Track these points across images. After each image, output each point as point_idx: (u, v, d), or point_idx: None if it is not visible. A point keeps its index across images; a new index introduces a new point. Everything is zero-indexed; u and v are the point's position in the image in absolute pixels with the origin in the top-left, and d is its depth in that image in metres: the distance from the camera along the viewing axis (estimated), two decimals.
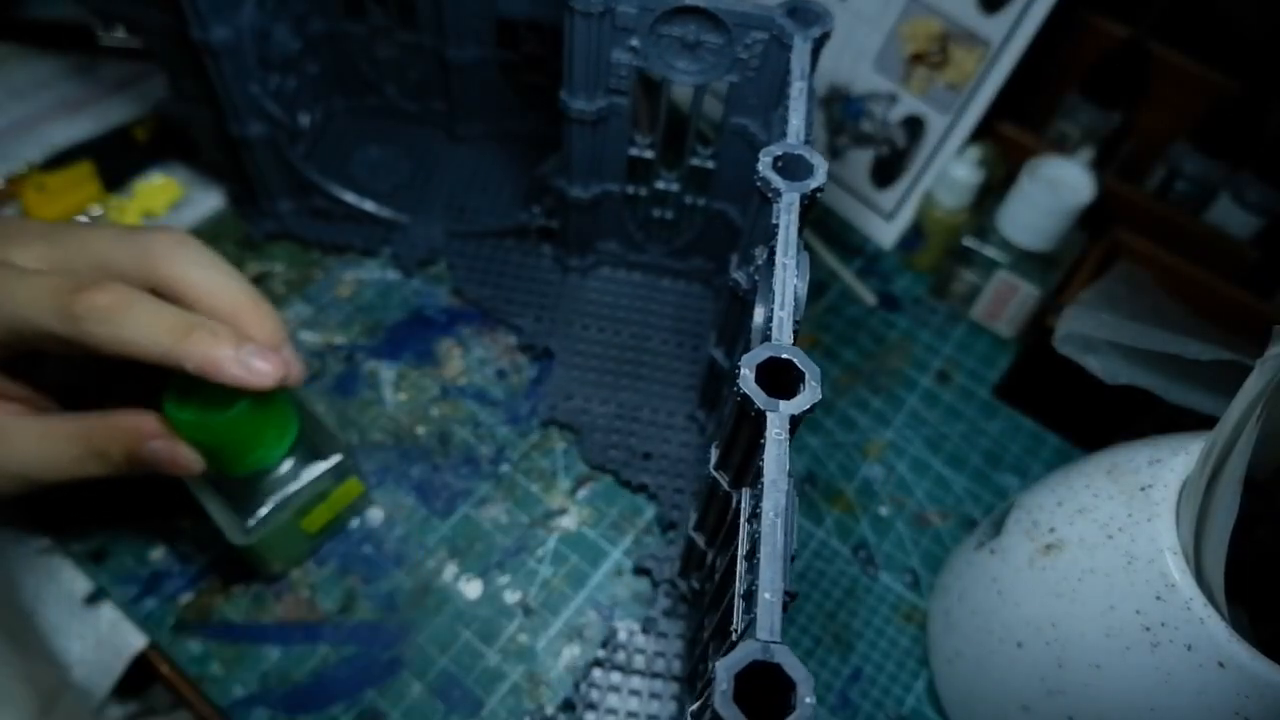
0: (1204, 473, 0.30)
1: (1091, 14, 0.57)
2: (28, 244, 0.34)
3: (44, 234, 0.35)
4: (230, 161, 0.52)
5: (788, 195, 0.32)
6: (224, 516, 0.37)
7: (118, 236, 0.35)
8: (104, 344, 0.31)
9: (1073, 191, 0.51)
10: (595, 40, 0.42)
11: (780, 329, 0.29)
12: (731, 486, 0.32)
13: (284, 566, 0.42)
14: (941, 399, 0.53)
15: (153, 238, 0.35)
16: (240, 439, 0.35)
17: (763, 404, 0.26)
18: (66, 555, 0.42)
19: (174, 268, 0.34)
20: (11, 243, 0.34)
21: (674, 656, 0.41)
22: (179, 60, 0.46)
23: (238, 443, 0.35)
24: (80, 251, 0.34)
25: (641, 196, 0.50)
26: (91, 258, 0.34)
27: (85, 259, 0.34)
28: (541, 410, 0.49)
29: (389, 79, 0.57)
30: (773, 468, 0.26)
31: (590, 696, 0.40)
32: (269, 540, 0.38)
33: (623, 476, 0.47)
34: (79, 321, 0.31)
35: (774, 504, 0.25)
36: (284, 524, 0.38)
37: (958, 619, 0.39)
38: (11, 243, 0.34)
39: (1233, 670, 0.29)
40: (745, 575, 0.26)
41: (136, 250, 0.34)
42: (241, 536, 0.37)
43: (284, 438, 0.37)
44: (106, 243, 0.34)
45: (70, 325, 0.31)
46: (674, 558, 0.44)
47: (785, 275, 0.30)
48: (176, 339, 0.32)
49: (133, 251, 0.34)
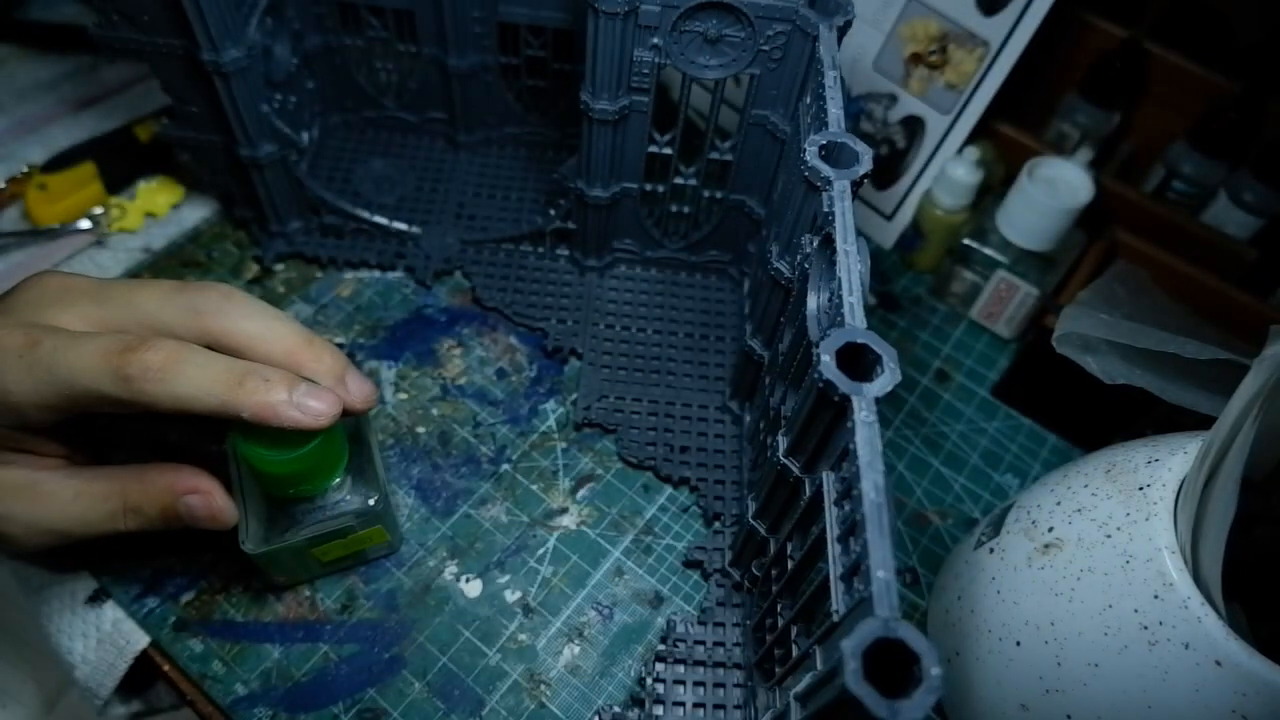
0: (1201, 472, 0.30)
1: (1090, 15, 0.57)
2: (73, 304, 0.34)
3: (90, 293, 0.35)
4: (241, 185, 0.52)
5: (839, 183, 0.32)
6: (246, 521, 0.37)
7: (165, 294, 0.35)
8: (159, 402, 0.31)
9: (1071, 191, 0.51)
10: (618, 40, 0.42)
11: (852, 313, 0.29)
12: (803, 472, 0.33)
13: (289, 581, 0.42)
14: (941, 398, 0.53)
15: (201, 294, 0.35)
16: (307, 470, 0.35)
17: (847, 389, 0.27)
18: (69, 555, 0.42)
19: (225, 321, 0.34)
20: (58, 305, 0.34)
21: (733, 645, 0.42)
22: (187, 85, 0.46)
23: (301, 475, 0.35)
24: (128, 311, 0.34)
25: (660, 193, 0.51)
26: (140, 316, 0.34)
27: (133, 318, 0.34)
28: (577, 413, 0.49)
29: (388, 90, 0.58)
30: (866, 450, 0.26)
31: (656, 691, 0.40)
32: (277, 555, 0.38)
33: (662, 472, 0.47)
34: (132, 382, 0.31)
35: (873, 484, 0.25)
36: (297, 547, 0.38)
37: (957, 618, 0.40)
38: (58, 305, 0.34)
39: (1230, 669, 0.29)
40: (841, 557, 0.27)
41: (186, 307, 0.34)
42: (253, 546, 0.36)
43: (336, 468, 0.37)
44: (155, 302, 0.34)
45: (124, 387, 0.31)
46: (723, 548, 0.44)
47: (849, 261, 0.30)
48: (230, 389, 0.32)
49: (182, 309, 0.34)
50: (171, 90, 0.47)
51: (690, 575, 0.45)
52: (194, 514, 0.35)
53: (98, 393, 0.31)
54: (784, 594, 0.35)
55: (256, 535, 0.37)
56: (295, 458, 0.34)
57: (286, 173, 0.51)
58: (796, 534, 0.34)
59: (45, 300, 0.34)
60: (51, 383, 0.32)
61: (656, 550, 0.45)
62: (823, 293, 0.33)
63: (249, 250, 0.54)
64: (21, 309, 0.34)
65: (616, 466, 0.48)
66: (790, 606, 0.34)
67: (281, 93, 0.51)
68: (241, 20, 0.45)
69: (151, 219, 0.56)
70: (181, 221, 0.56)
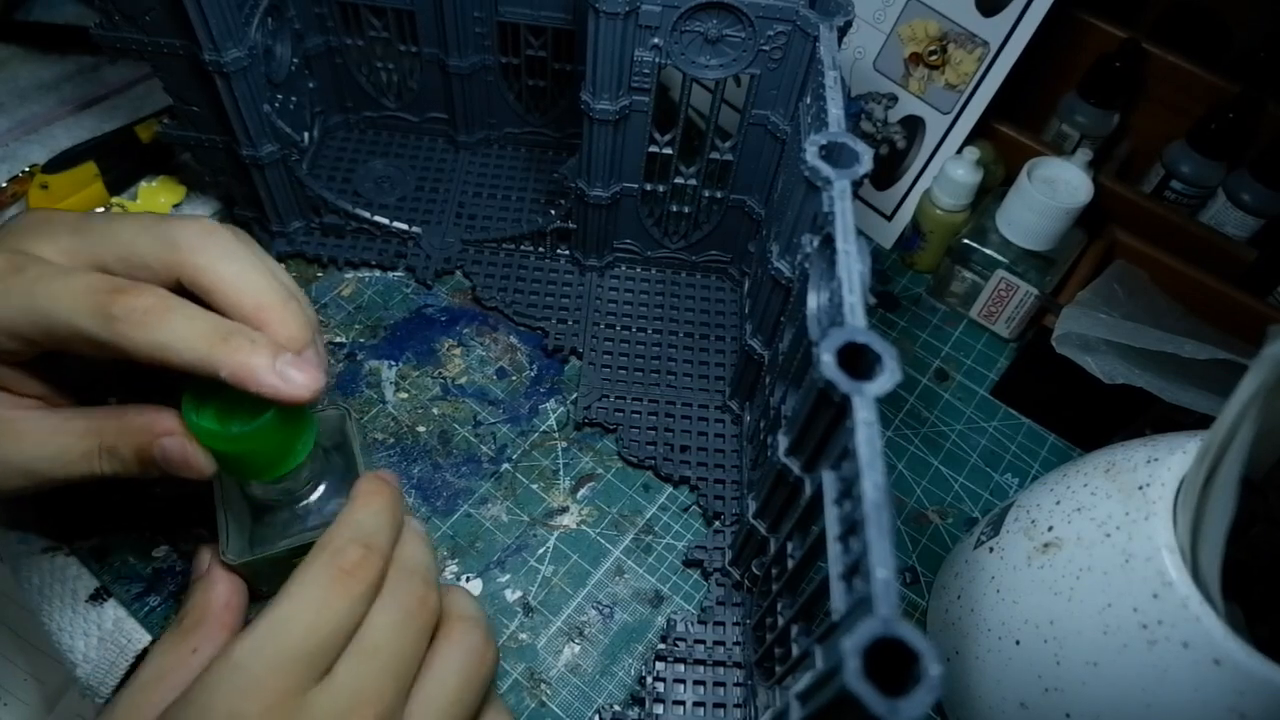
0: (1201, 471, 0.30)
1: (1089, 16, 0.57)
2: (54, 236, 0.33)
3: (71, 225, 0.34)
4: (242, 185, 0.52)
5: (839, 183, 0.33)
6: (228, 531, 0.36)
7: (144, 226, 0.33)
8: (138, 347, 0.30)
9: (1071, 192, 0.51)
10: (618, 40, 0.42)
11: (852, 313, 0.29)
12: (803, 471, 0.33)
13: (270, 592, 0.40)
14: (940, 398, 0.53)
15: (181, 227, 0.33)
16: (261, 450, 0.33)
17: (847, 388, 0.27)
18: (70, 553, 0.42)
19: (200, 258, 0.32)
20: (39, 236, 0.33)
21: (733, 644, 0.42)
22: (188, 85, 0.46)
23: (257, 454, 0.34)
24: (106, 242, 0.33)
25: (660, 193, 0.51)
26: (118, 249, 0.33)
27: (111, 251, 0.33)
28: (577, 413, 0.49)
29: (388, 90, 0.58)
30: (866, 449, 0.26)
31: (657, 690, 0.40)
32: (259, 567, 0.37)
33: (662, 471, 0.47)
34: (115, 323, 0.30)
35: (873, 483, 0.25)
36: (279, 558, 0.36)
37: (956, 617, 0.40)
38: (39, 236, 0.33)
39: (1229, 668, 0.29)
40: (841, 556, 0.27)
41: (164, 241, 0.33)
42: (234, 556, 0.36)
43: (300, 452, 0.35)
44: (132, 233, 0.33)
45: (106, 327, 0.30)
46: (723, 547, 0.45)
47: (849, 261, 0.31)
48: (212, 345, 0.30)
49: (159, 240, 0.33)
50: (173, 90, 0.47)
51: (690, 574, 0.45)
52: (168, 457, 0.33)
53: (76, 328, 0.30)
54: (784, 593, 0.35)
55: (237, 545, 0.36)
56: (250, 432, 0.32)
57: (287, 173, 0.51)
58: (796, 533, 0.34)
59: (26, 231, 0.33)
60: (27, 311, 0.30)
61: (657, 549, 0.45)
62: (823, 292, 0.33)
63: None
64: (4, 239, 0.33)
65: (617, 466, 0.48)
66: (790, 605, 0.34)
67: (282, 93, 0.51)
68: (243, 20, 0.45)
69: None
70: None
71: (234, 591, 0.35)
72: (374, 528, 0.33)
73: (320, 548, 0.31)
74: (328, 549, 0.31)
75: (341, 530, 0.32)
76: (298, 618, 0.29)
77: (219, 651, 0.29)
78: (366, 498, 0.34)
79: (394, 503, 0.34)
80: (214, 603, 0.34)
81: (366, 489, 0.34)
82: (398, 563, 0.33)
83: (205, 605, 0.34)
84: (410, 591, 0.32)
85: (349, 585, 0.30)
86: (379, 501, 0.34)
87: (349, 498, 0.34)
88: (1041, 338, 0.48)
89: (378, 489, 0.34)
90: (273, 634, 0.29)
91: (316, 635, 0.29)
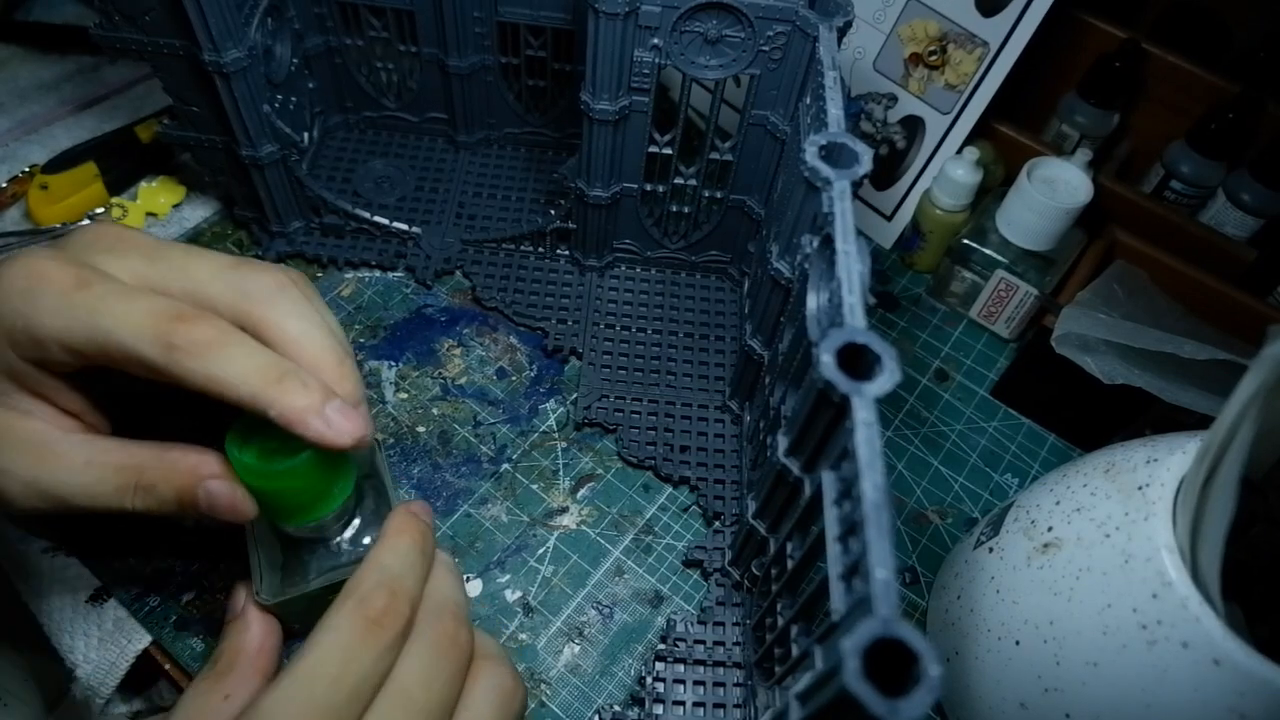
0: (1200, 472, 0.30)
1: (1089, 16, 0.57)
2: (125, 255, 0.33)
3: (143, 249, 0.33)
4: (241, 185, 0.52)
5: (839, 183, 0.33)
6: (261, 570, 0.35)
7: (218, 270, 0.33)
8: (193, 377, 0.30)
9: (1070, 192, 0.51)
10: (618, 40, 0.42)
11: (852, 313, 0.29)
12: (803, 472, 0.33)
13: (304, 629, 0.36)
14: (940, 398, 0.53)
15: (254, 278, 0.33)
16: (299, 490, 0.33)
17: (847, 389, 0.27)
18: (70, 554, 0.42)
19: (269, 312, 0.33)
20: (111, 253, 0.33)
21: (733, 644, 0.42)
22: (188, 86, 0.46)
23: (295, 494, 0.33)
24: (178, 276, 0.33)
25: (660, 193, 0.51)
26: (187, 284, 0.33)
27: (180, 285, 0.32)
28: (577, 413, 0.49)
29: (388, 90, 0.58)
30: (865, 450, 0.26)
31: (656, 690, 0.40)
32: (293, 605, 0.36)
33: (662, 471, 0.47)
34: (173, 351, 0.30)
35: (873, 484, 0.25)
36: (314, 595, 0.35)
37: (956, 617, 0.40)
38: (111, 253, 0.33)
39: (1228, 668, 0.29)
40: (840, 556, 0.27)
41: (236, 287, 0.33)
42: (268, 596, 0.35)
43: (338, 498, 0.35)
44: (206, 272, 0.33)
45: (164, 353, 0.30)
46: (723, 547, 0.45)
47: (849, 261, 0.31)
48: (266, 383, 0.30)
49: (231, 287, 0.33)
50: (172, 91, 0.47)
51: (690, 575, 0.45)
52: (214, 500, 0.32)
53: (135, 352, 0.30)
54: (784, 593, 0.35)
55: (271, 585, 0.35)
56: (289, 469, 0.32)
57: (287, 173, 0.51)
58: (796, 534, 0.34)
59: (98, 245, 0.33)
60: (88, 328, 0.30)
61: (656, 550, 0.45)
62: (822, 293, 0.33)
63: (250, 250, 0.55)
64: (72, 247, 0.33)
65: (616, 466, 0.48)
66: (790, 606, 0.34)
67: (282, 93, 0.51)
68: (242, 21, 0.45)
69: (153, 219, 0.56)
70: (183, 221, 0.56)
71: (268, 634, 0.35)
72: (401, 569, 0.32)
73: (346, 594, 0.31)
74: (354, 596, 0.30)
75: (368, 574, 0.31)
76: (324, 669, 0.29)
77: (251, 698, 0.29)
78: (394, 537, 0.33)
79: (422, 540, 0.34)
80: (248, 646, 0.34)
81: (395, 527, 0.33)
82: (427, 601, 0.32)
83: (238, 649, 0.34)
84: (441, 631, 0.32)
85: (377, 633, 0.30)
86: (406, 541, 0.33)
87: (379, 535, 0.33)
88: (1041, 338, 0.48)
89: (406, 526, 0.33)
90: (300, 686, 0.28)
91: (344, 687, 0.29)
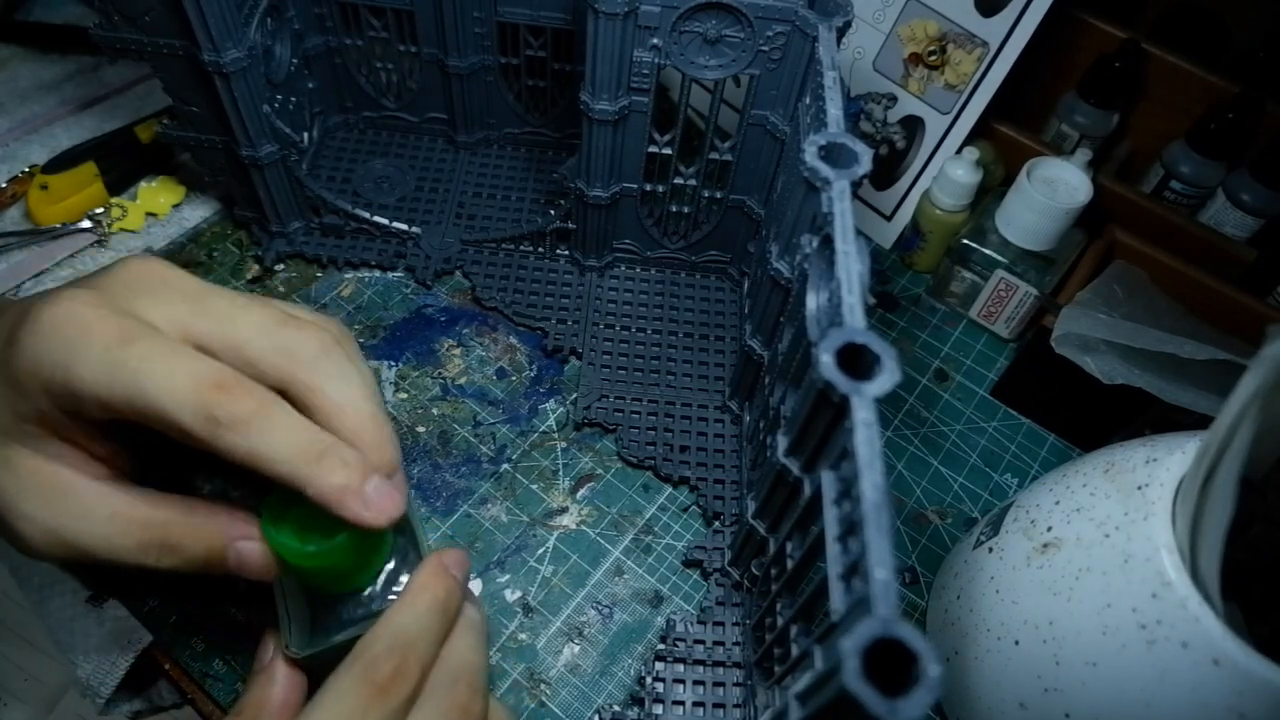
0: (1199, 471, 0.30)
1: (1088, 16, 0.57)
2: (169, 301, 0.31)
3: (188, 296, 0.32)
4: (241, 185, 0.52)
5: (838, 183, 0.33)
6: (290, 622, 0.34)
7: (265, 326, 0.32)
8: (232, 451, 0.29)
9: (1070, 192, 0.51)
10: (618, 40, 0.42)
11: (851, 313, 0.29)
12: (802, 472, 0.33)
13: None
14: (940, 398, 0.53)
15: (301, 338, 0.32)
16: (335, 567, 0.32)
17: (847, 389, 0.27)
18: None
19: (313, 377, 0.31)
20: (153, 297, 0.31)
21: (733, 644, 0.42)
22: (188, 86, 0.46)
23: (330, 571, 0.33)
24: (222, 330, 0.31)
25: (660, 193, 0.51)
26: (232, 339, 0.31)
27: (224, 339, 0.31)
28: (577, 413, 0.49)
29: (388, 90, 0.58)
30: (865, 450, 0.26)
31: (656, 690, 0.40)
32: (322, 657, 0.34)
33: (662, 471, 0.47)
34: (216, 425, 0.28)
35: (872, 484, 0.25)
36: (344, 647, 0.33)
37: (955, 617, 0.40)
38: (153, 297, 0.31)
39: (1227, 668, 0.29)
40: (840, 556, 0.27)
41: (281, 347, 0.31)
42: (296, 649, 0.34)
43: (374, 567, 0.34)
44: (253, 328, 0.31)
45: (204, 426, 0.28)
46: (723, 547, 0.45)
47: (849, 261, 0.31)
48: (306, 461, 0.29)
49: (277, 347, 0.31)
50: (172, 91, 0.47)
51: (690, 575, 0.45)
52: (245, 561, 0.32)
53: (174, 420, 0.29)
54: (783, 593, 0.35)
55: (300, 638, 0.34)
56: (324, 551, 0.31)
57: (287, 173, 0.51)
58: (796, 533, 0.34)
59: (140, 287, 0.31)
60: (127, 388, 0.29)
61: (656, 550, 0.45)
62: (822, 293, 0.33)
63: (249, 250, 0.55)
64: (114, 288, 0.31)
65: (616, 466, 0.48)
66: (790, 606, 0.34)
67: (282, 93, 0.51)
68: (242, 21, 0.45)
69: (153, 219, 0.56)
70: (182, 221, 0.56)
71: (292, 689, 0.33)
72: (417, 631, 0.31)
73: (355, 656, 0.30)
74: (362, 659, 0.29)
75: (379, 636, 0.30)
76: None
77: None
78: (415, 594, 0.32)
79: (446, 597, 0.32)
80: (271, 701, 0.33)
81: (419, 583, 0.32)
82: (443, 665, 0.31)
83: (261, 703, 0.33)
84: (452, 702, 0.31)
85: (382, 700, 0.29)
86: (425, 599, 0.32)
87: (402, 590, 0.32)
88: (1041, 338, 0.48)
89: (429, 583, 0.32)
90: None
91: None
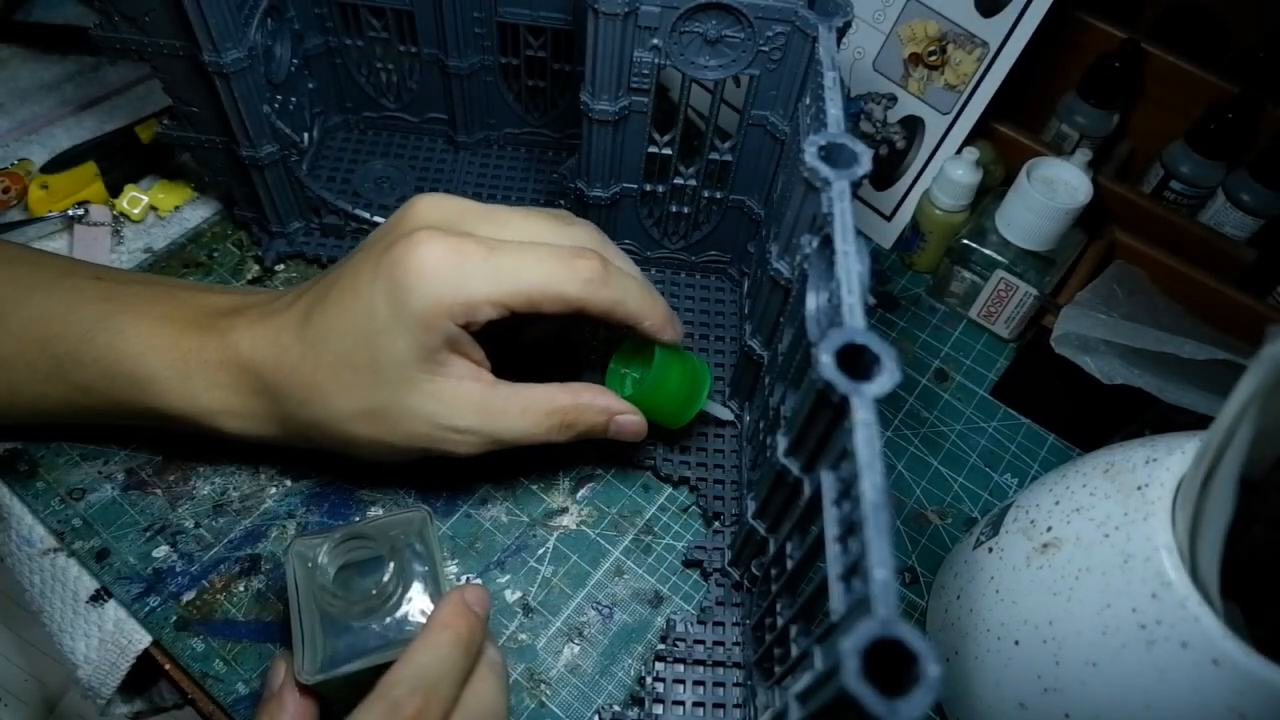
0: (1199, 472, 0.30)
1: (1088, 16, 0.57)
2: (479, 224, 0.38)
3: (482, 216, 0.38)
4: (242, 185, 0.52)
5: (838, 184, 0.33)
6: (303, 649, 0.34)
7: (553, 227, 0.39)
8: (600, 303, 0.37)
9: (1070, 192, 0.51)
10: (618, 40, 0.42)
11: (851, 314, 0.29)
12: (802, 472, 0.33)
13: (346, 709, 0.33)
14: (940, 398, 0.54)
15: (579, 232, 0.40)
16: (673, 394, 0.43)
17: (846, 389, 0.27)
18: (71, 555, 0.42)
19: (609, 255, 0.40)
20: (469, 219, 0.38)
21: (733, 644, 0.42)
22: (188, 86, 0.46)
23: (670, 397, 0.43)
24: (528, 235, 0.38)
25: (659, 193, 0.51)
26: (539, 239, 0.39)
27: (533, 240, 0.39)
28: None
29: (388, 91, 0.58)
30: (865, 450, 0.26)
31: (656, 690, 0.40)
32: (333, 685, 0.34)
33: (662, 472, 0.47)
34: (590, 284, 0.36)
35: (872, 484, 0.25)
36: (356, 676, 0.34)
37: (955, 617, 0.40)
38: (469, 219, 0.38)
39: (1227, 668, 0.29)
40: (840, 557, 0.27)
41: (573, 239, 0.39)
42: (308, 675, 0.34)
43: (698, 400, 0.44)
44: (546, 230, 0.39)
45: (584, 289, 0.36)
46: (723, 547, 0.45)
47: (849, 262, 0.31)
48: (641, 302, 0.39)
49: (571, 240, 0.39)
50: (173, 91, 0.47)
51: (690, 575, 0.45)
52: (624, 431, 0.42)
53: (556, 292, 0.36)
54: (783, 593, 0.35)
55: (313, 664, 0.34)
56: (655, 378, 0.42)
57: (287, 173, 0.51)
58: (796, 534, 0.34)
59: (452, 217, 0.38)
60: (515, 283, 0.36)
61: (656, 550, 0.45)
62: (822, 293, 0.33)
63: (250, 250, 0.55)
64: (434, 219, 0.37)
65: (616, 466, 0.48)
66: (790, 606, 0.34)
67: (282, 93, 0.51)
68: (242, 21, 0.45)
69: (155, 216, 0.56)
70: (183, 222, 0.56)
71: (303, 716, 0.34)
72: (440, 671, 0.31)
73: (379, 695, 0.30)
74: (386, 698, 0.30)
75: (403, 675, 0.31)
76: None
77: None
78: (437, 632, 0.32)
79: (469, 636, 0.33)
80: None
81: (440, 620, 0.33)
82: (463, 708, 0.32)
83: None
84: None
85: None
86: (448, 638, 0.32)
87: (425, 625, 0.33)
88: (1041, 338, 0.48)
89: (451, 620, 0.33)
90: None
91: None
